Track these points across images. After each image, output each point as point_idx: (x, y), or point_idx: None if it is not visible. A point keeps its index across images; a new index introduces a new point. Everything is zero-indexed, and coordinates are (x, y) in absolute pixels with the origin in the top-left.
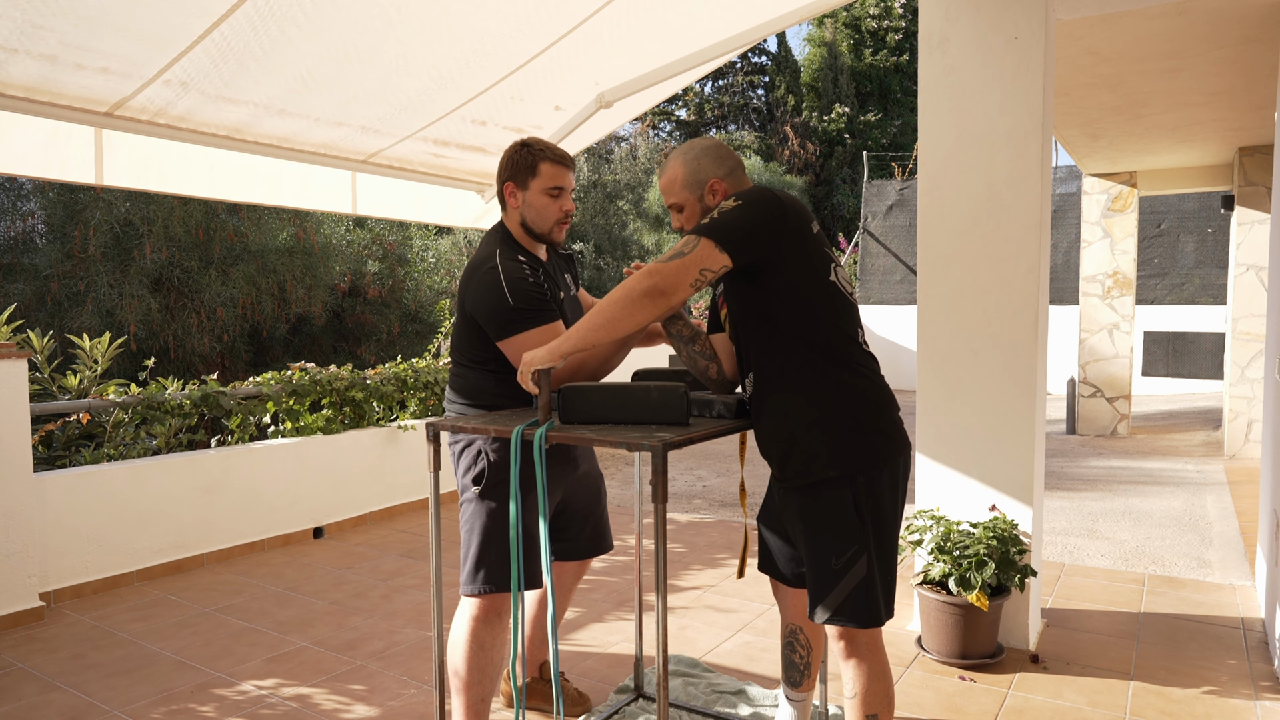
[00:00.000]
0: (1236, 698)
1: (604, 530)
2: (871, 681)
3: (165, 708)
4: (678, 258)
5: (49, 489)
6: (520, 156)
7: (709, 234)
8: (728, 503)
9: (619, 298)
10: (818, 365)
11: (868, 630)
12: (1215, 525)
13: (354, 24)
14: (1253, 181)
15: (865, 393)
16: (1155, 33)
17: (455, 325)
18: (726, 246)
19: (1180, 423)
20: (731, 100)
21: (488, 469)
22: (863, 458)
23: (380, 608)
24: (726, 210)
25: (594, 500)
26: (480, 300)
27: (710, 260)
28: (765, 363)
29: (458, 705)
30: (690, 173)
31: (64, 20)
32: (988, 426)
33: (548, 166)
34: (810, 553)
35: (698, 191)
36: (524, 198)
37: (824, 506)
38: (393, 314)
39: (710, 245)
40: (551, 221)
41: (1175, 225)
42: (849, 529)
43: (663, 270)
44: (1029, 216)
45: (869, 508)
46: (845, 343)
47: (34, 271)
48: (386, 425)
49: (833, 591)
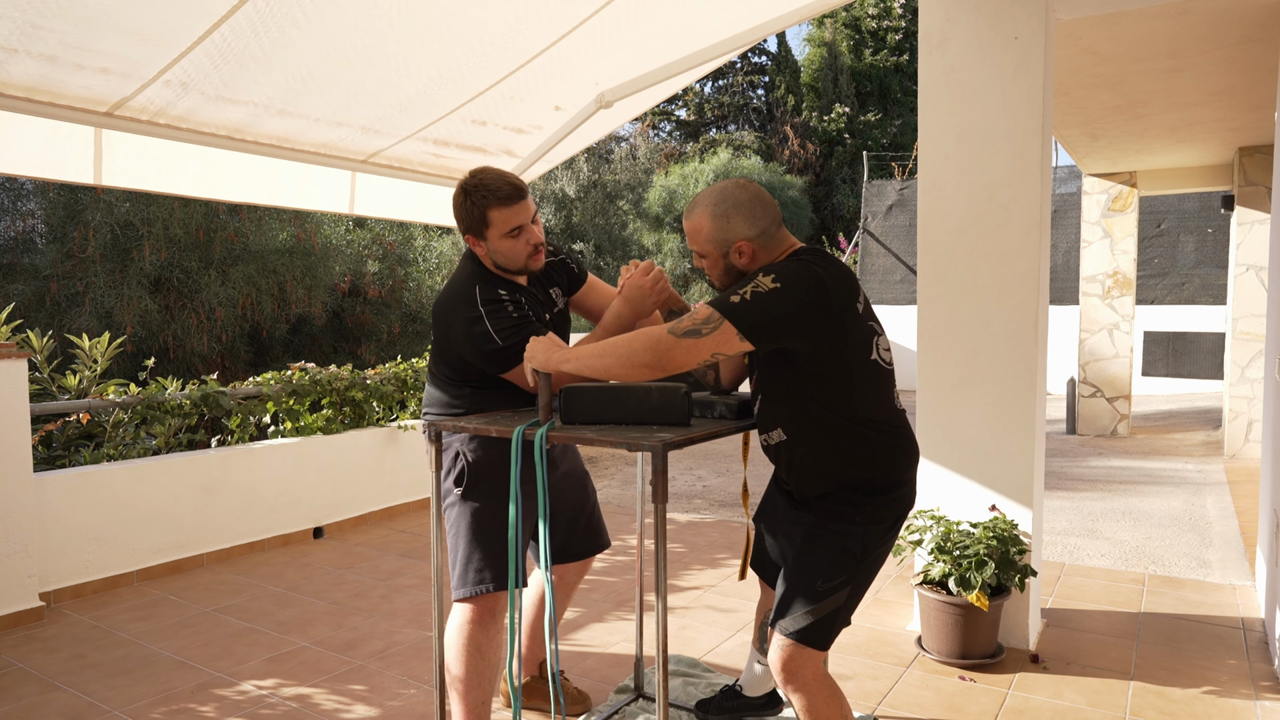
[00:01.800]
0: (1236, 698)
1: (598, 528)
2: (823, 707)
3: (165, 708)
4: (692, 335)
5: (49, 489)
6: (467, 210)
7: (734, 319)
8: (728, 503)
9: (624, 353)
10: (852, 433)
11: (808, 660)
12: (1215, 525)
13: (354, 24)
14: (1253, 181)
15: (899, 452)
16: (1155, 32)
17: (434, 344)
18: (751, 336)
19: (1180, 423)
20: (731, 100)
21: (467, 469)
22: (891, 508)
23: (380, 608)
24: (762, 293)
25: (582, 500)
26: (469, 346)
27: (728, 346)
28: (796, 427)
29: (458, 710)
30: (718, 229)
31: (64, 21)
32: (988, 426)
33: (496, 213)
34: (800, 566)
35: (723, 249)
36: (487, 246)
37: (840, 532)
38: (393, 314)
39: (732, 332)
40: (523, 258)
41: (1175, 225)
42: (850, 561)
43: (673, 347)
44: (1029, 216)
45: (873, 551)
46: (882, 411)
47: (34, 272)
48: (386, 425)
49: (808, 609)
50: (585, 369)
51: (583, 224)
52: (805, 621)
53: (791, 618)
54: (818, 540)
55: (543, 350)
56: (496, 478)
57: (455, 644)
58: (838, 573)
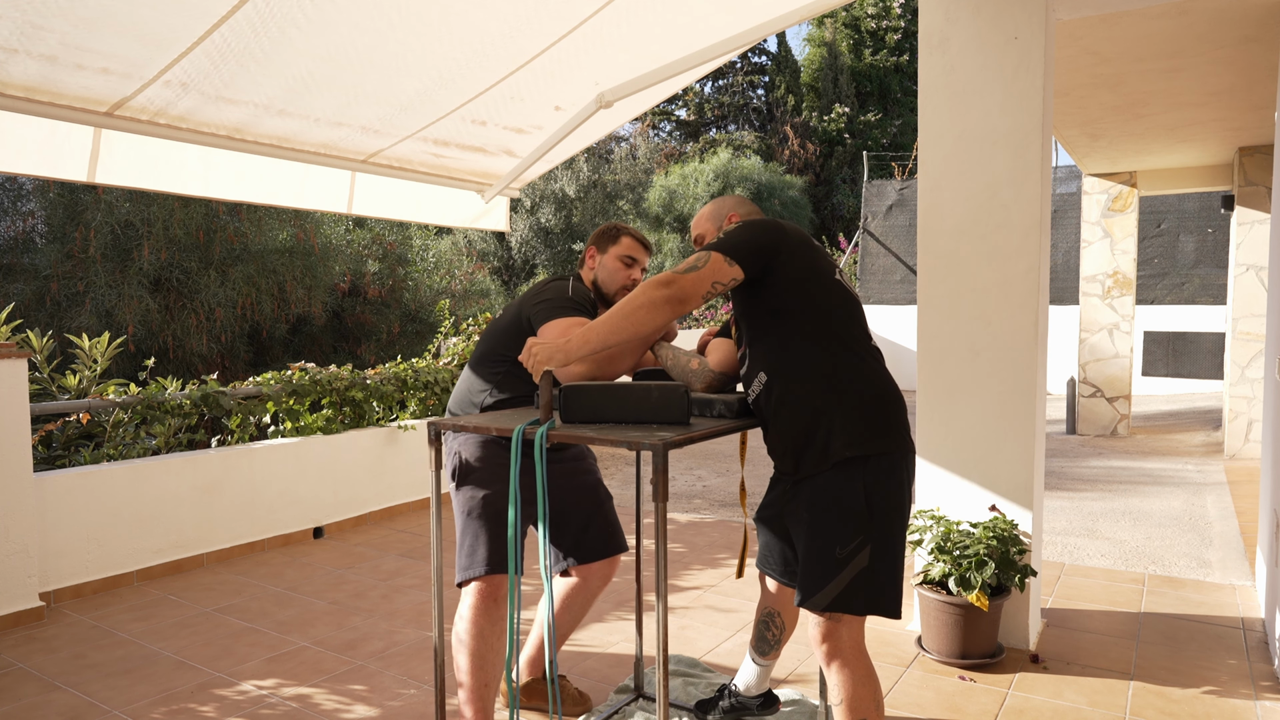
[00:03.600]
0: (1236, 698)
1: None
2: (858, 686)
3: (165, 708)
4: (692, 271)
5: (49, 489)
6: (607, 229)
7: (717, 248)
8: (728, 503)
9: (641, 302)
10: (832, 350)
11: (850, 628)
12: (1215, 525)
13: (355, 25)
14: (1253, 181)
15: (879, 377)
16: (1155, 33)
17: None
18: (735, 257)
19: (1180, 423)
20: (731, 100)
21: (459, 463)
22: (879, 439)
23: (380, 608)
24: (731, 229)
25: (593, 504)
26: (545, 297)
27: (722, 273)
28: (777, 356)
29: (461, 694)
30: (715, 208)
31: (64, 21)
32: (988, 426)
33: (628, 240)
34: (814, 540)
35: (718, 222)
36: (601, 260)
37: (836, 492)
38: (393, 314)
39: (720, 259)
40: (618, 285)
41: (1175, 225)
42: (857, 519)
43: (680, 280)
44: (1029, 216)
45: (879, 500)
46: (856, 332)
47: (34, 272)
48: (386, 425)
49: (833, 580)
50: (609, 339)
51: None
52: (834, 592)
53: (823, 593)
54: (821, 510)
55: (548, 348)
56: (488, 466)
57: (459, 628)
58: (851, 535)
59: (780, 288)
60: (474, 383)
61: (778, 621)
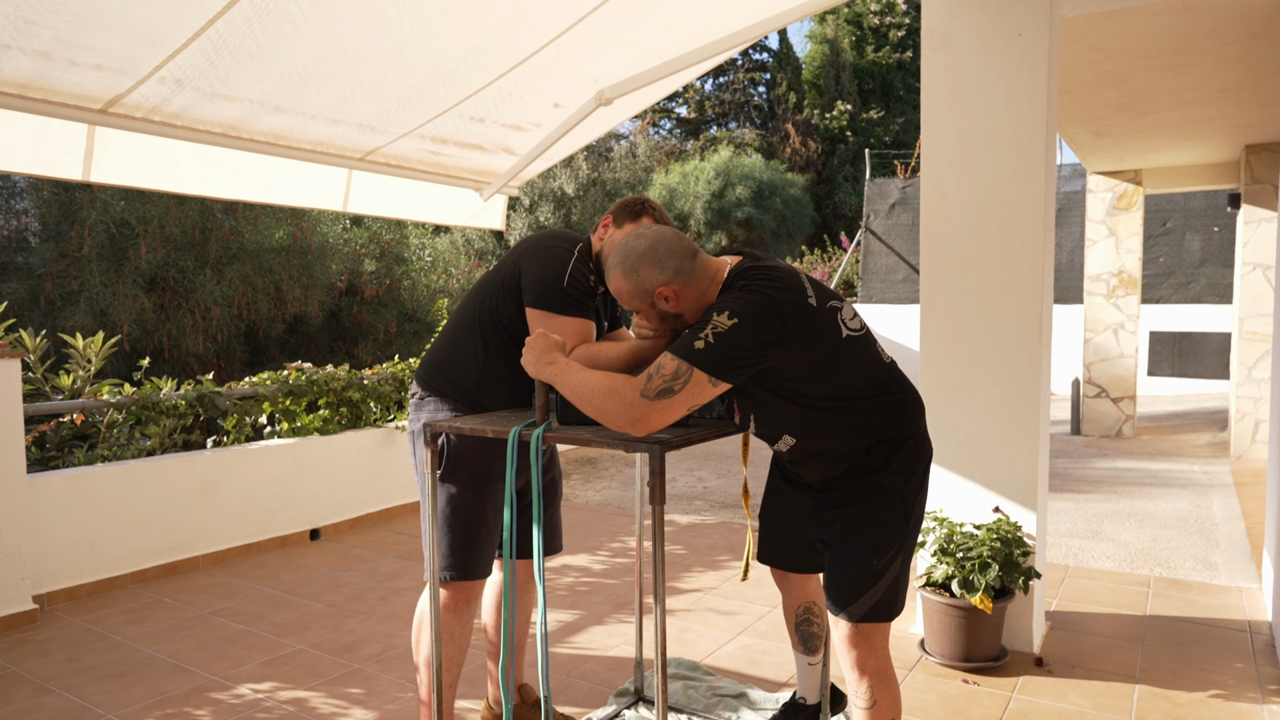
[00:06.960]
0: (1243, 701)
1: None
2: (884, 689)
3: (160, 711)
4: (665, 396)
5: (42, 490)
6: (632, 202)
7: (702, 365)
8: (728, 504)
9: (598, 407)
10: (857, 403)
11: (882, 634)
12: (1221, 527)
13: (352, 21)
14: (1259, 179)
15: (902, 405)
16: (1160, 29)
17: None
18: (724, 376)
19: (1186, 423)
20: (732, 97)
21: (446, 449)
22: (908, 470)
23: (377, 610)
24: (721, 332)
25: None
26: (538, 266)
27: (702, 396)
28: (800, 428)
29: (422, 690)
30: (633, 285)
31: (57, 16)
32: (991, 427)
33: (648, 219)
34: (850, 553)
35: (648, 300)
36: (614, 234)
37: (872, 512)
38: (390, 313)
39: (703, 379)
40: None
41: (1181, 224)
42: (894, 533)
43: (648, 412)
44: (1033, 215)
45: (915, 511)
46: (872, 372)
47: (27, 270)
48: (384, 426)
49: (870, 590)
50: (568, 392)
51: (582, 222)
52: (873, 600)
53: (859, 603)
54: (859, 524)
55: (534, 355)
56: (474, 466)
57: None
58: (888, 547)
59: (781, 376)
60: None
61: (816, 611)
